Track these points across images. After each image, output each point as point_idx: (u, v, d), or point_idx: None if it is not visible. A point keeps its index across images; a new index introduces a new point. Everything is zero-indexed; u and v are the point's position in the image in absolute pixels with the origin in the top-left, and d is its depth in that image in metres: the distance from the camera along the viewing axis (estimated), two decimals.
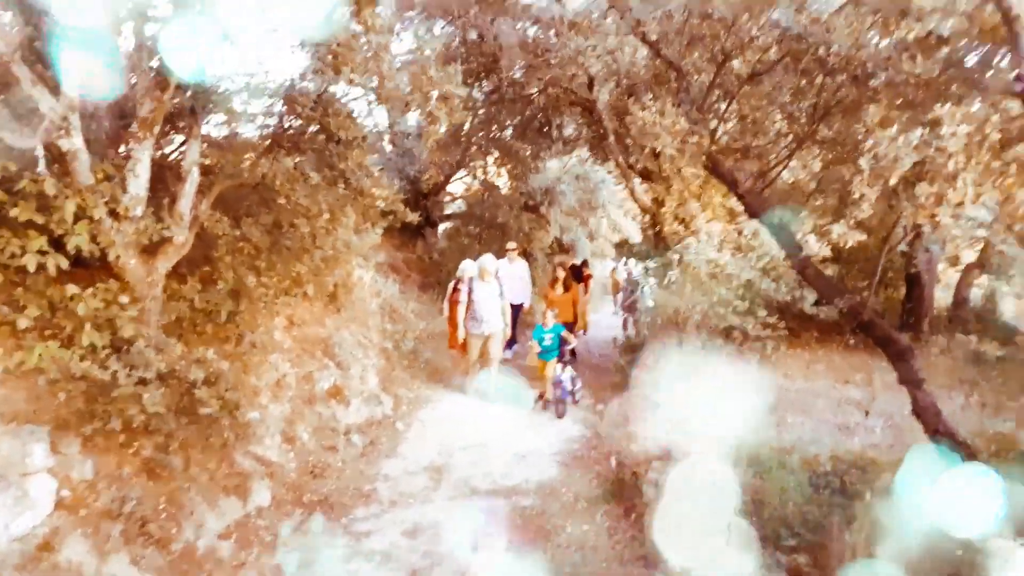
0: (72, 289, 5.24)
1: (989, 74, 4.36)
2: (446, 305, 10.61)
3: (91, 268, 5.69)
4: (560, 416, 9.51)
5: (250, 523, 6.02)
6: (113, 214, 5.48)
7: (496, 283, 10.09)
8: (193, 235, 6.23)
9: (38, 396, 5.09)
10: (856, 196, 3.77)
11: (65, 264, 5.12)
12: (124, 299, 5.48)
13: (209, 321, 6.64)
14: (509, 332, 10.62)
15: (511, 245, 12.31)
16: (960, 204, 3.36)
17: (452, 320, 10.34)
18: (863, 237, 3.97)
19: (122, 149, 7.03)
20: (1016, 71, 3.53)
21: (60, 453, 4.99)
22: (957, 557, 4.19)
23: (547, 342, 9.85)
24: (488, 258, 10.24)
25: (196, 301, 6.47)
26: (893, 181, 3.61)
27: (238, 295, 6.70)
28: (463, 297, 10.00)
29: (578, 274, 14.09)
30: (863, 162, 3.71)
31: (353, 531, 6.21)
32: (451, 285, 10.48)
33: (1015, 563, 3.90)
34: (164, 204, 6.01)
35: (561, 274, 11.76)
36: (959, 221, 3.45)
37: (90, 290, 5.30)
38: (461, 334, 10.10)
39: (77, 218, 5.18)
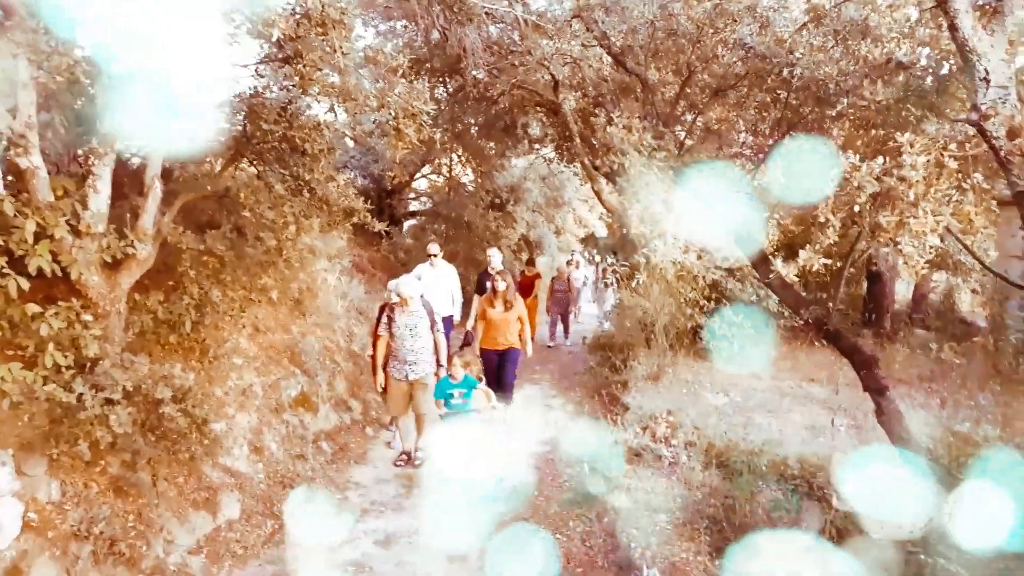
0: (34, 308, 5.13)
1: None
2: (370, 340, 8.32)
3: (50, 281, 5.57)
4: None
5: (220, 537, 5.98)
6: (74, 231, 5.37)
7: (423, 310, 7.56)
8: (156, 249, 6.14)
9: (1, 420, 5.00)
10: (821, 220, 3.86)
11: (27, 285, 5.00)
12: (88, 317, 5.38)
13: (173, 332, 6.55)
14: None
15: (433, 249, 10.05)
16: (922, 233, 3.47)
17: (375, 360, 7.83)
18: (828, 262, 4.06)
19: (79, 153, 6.90)
20: (972, 102, 3.65)
21: (25, 475, 4.92)
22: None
23: (456, 400, 7.28)
24: (407, 280, 7.60)
25: (159, 313, 6.37)
26: (856, 208, 3.72)
27: (202, 306, 6.62)
28: (383, 330, 7.58)
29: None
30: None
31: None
32: (376, 311, 8.02)
33: None
34: (126, 219, 5.91)
35: (502, 285, 8.73)
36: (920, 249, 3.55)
37: (52, 309, 5.19)
38: (380, 379, 7.71)
39: (38, 237, 5.06)
